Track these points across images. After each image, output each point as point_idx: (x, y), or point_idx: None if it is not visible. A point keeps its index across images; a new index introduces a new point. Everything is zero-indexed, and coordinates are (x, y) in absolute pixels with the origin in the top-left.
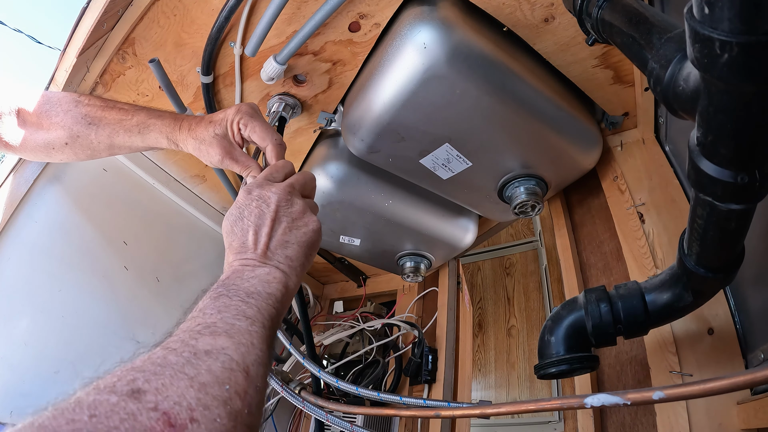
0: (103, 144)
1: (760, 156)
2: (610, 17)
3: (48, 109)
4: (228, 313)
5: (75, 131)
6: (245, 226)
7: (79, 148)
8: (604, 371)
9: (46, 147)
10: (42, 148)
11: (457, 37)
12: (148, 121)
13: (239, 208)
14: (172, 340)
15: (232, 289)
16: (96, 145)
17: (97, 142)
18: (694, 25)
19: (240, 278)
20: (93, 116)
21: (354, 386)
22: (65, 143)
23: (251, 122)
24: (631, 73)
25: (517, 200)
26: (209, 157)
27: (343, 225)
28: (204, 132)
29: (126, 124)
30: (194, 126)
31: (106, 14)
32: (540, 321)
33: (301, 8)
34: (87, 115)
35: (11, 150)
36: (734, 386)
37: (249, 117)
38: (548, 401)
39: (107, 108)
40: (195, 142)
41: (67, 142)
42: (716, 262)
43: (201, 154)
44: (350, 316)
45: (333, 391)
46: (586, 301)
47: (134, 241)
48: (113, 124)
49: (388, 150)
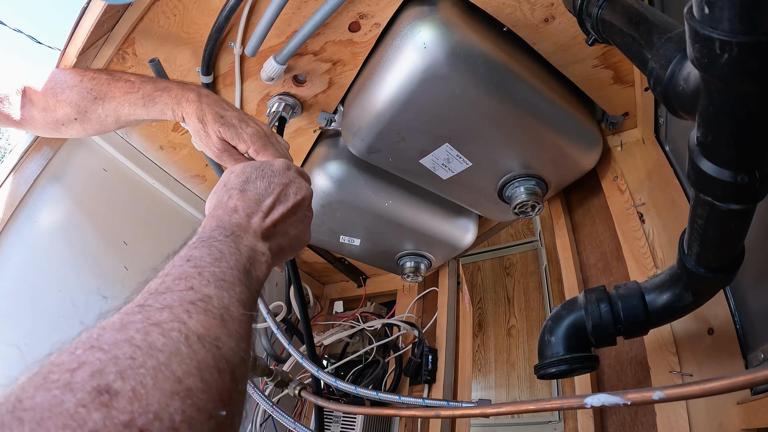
0: (111, 117)
1: (760, 156)
2: (610, 17)
3: (53, 86)
4: (226, 293)
5: (82, 107)
6: (270, 190)
7: (88, 122)
8: (604, 371)
9: (55, 123)
10: (52, 125)
11: (457, 37)
12: (153, 93)
13: (274, 171)
14: (159, 302)
15: (233, 257)
16: (104, 119)
17: (105, 115)
18: (694, 25)
19: (239, 242)
20: (98, 90)
21: (353, 386)
22: (74, 119)
23: (264, 152)
24: (631, 73)
25: (517, 200)
26: (207, 146)
27: (343, 225)
28: (213, 125)
29: (131, 98)
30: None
31: (106, 14)
32: (540, 321)
33: (301, 8)
34: (92, 89)
35: (21, 127)
36: (734, 386)
37: (262, 147)
38: (548, 401)
39: (113, 81)
40: (199, 125)
41: (76, 117)
42: (716, 262)
43: (200, 138)
44: (350, 316)
45: (333, 391)
46: (586, 301)
47: (134, 241)
48: (119, 97)
49: (388, 150)
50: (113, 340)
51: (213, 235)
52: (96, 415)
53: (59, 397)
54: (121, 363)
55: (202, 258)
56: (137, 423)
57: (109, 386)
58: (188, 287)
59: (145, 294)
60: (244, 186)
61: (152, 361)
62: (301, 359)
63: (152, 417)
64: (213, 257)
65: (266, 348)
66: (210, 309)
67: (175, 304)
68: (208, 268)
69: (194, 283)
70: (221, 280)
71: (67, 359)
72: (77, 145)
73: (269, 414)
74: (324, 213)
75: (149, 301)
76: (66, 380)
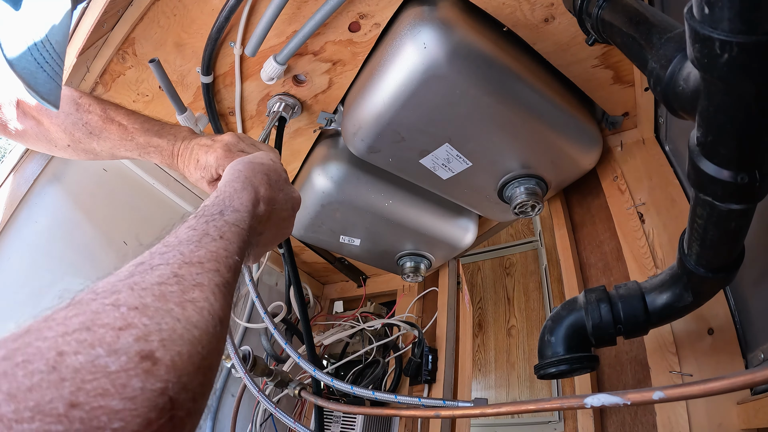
0: (106, 152)
1: (760, 156)
2: (610, 17)
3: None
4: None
5: (77, 137)
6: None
7: (82, 152)
8: (604, 371)
9: (48, 143)
10: (44, 143)
11: (457, 37)
12: (147, 147)
13: (279, 176)
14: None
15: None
16: (99, 152)
17: (100, 149)
18: (694, 25)
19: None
20: (94, 126)
21: (350, 386)
22: (67, 145)
23: None
24: (631, 73)
25: (517, 200)
26: (205, 190)
27: (343, 225)
28: (194, 173)
29: (127, 145)
30: (187, 162)
31: (106, 14)
32: (540, 321)
33: (301, 8)
34: (88, 123)
35: (16, 138)
36: (734, 386)
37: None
38: (548, 401)
39: (107, 120)
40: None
41: (69, 144)
42: (716, 262)
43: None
44: (350, 316)
45: (333, 391)
46: (586, 301)
47: (134, 241)
48: (114, 140)
49: (388, 150)
50: (156, 306)
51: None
52: (135, 381)
53: (104, 359)
54: (164, 333)
55: (230, 240)
56: (169, 391)
57: (152, 353)
58: (215, 269)
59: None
60: (273, 184)
61: (189, 335)
62: (299, 359)
63: (181, 387)
64: (236, 244)
65: (266, 348)
66: (227, 294)
67: (205, 283)
68: (231, 257)
69: (220, 266)
70: (233, 268)
71: (111, 316)
72: None
73: (269, 414)
74: (324, 213)
75: (183, 271)
76: (111, 340)
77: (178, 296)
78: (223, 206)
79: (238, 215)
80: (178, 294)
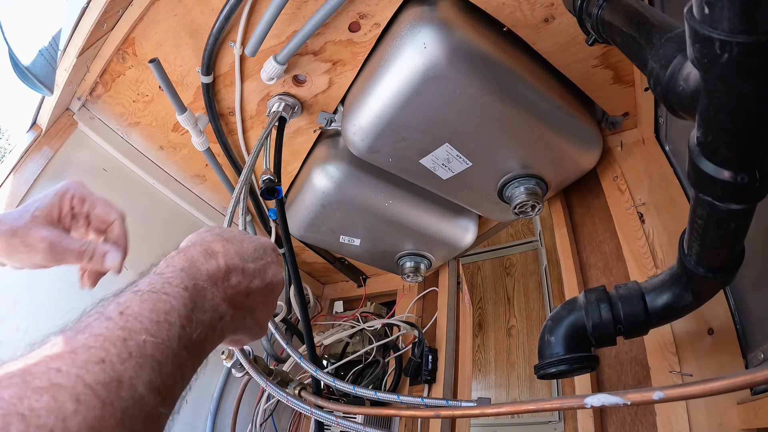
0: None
1: (760, 156)
2: (610, 17)
3: None
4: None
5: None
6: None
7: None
8: (604, 371)
9: None
10: None
11: (457, 37)
12: None
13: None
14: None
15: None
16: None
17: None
18: (694, 25)
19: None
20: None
21: (351, 386)
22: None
23: (90, 196)
24: (631, 73)
25: (517, 200)
26: (29, 259)
27: (343, 225)
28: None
29: None
30: None
31: (106, 14)
32: (540, 321)
33: (301, 8)
34: None
35: None
36: (734, 386)
37: (85, 190)
38: (548, 401)
39: None
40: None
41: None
42: (716, 262)
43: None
44: (350, 316)
45: (333, 391)
46: (586, 301)
47: (134, 241)
48: None
49: (388, 150)
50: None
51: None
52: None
53: None
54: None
55: (140, 317)
56: None
57: None
58: (100, 359)
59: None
60: (230, 238)
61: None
62: (299, 359)
63: None
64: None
65: (266, 348)
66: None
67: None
68: (139, 337)
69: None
70: (146, 356)
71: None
72: (77, 145)
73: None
74: (324, 213)
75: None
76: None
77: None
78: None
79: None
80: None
